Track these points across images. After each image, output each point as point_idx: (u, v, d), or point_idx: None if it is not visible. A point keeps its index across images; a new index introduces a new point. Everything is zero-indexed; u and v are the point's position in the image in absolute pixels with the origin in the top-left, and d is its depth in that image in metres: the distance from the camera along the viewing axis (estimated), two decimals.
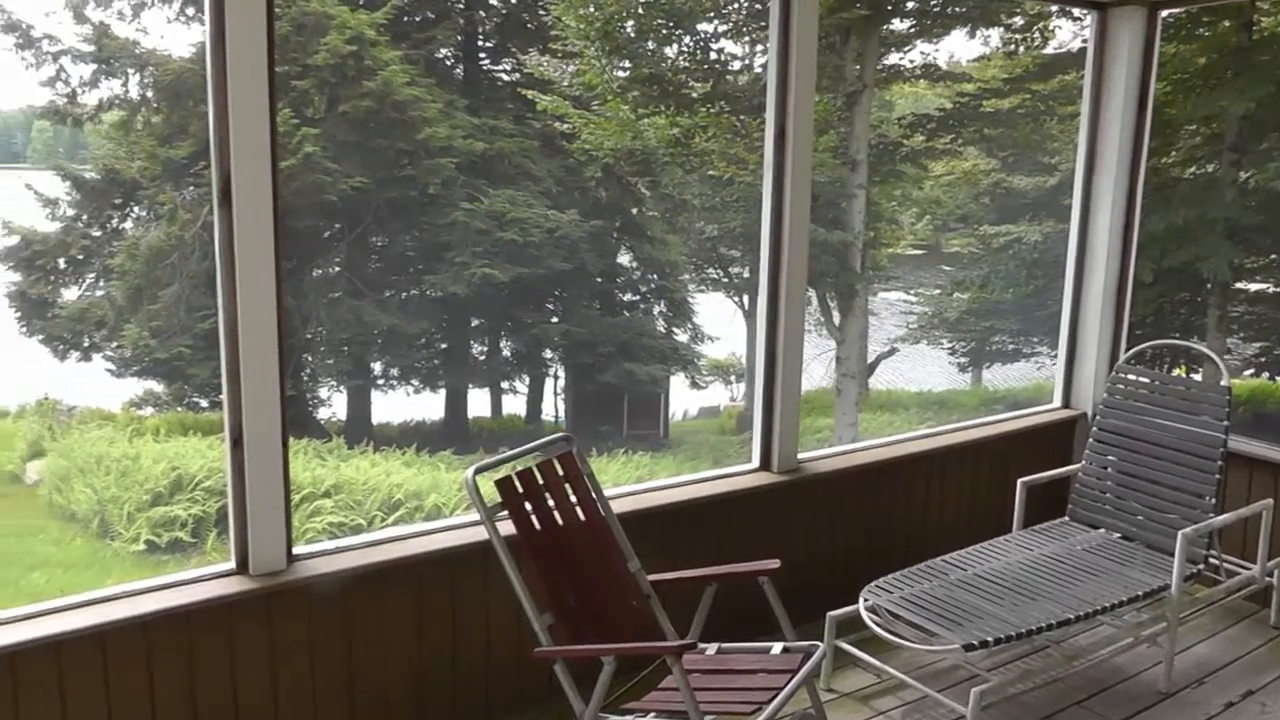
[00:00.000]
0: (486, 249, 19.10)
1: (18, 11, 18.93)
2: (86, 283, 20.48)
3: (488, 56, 22.11)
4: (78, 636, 3.36)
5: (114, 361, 19.90)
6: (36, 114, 23.13)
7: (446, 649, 4.12)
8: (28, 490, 15.41)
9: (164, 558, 13.33)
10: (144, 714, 3.50)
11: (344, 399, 21.00)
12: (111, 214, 20.40)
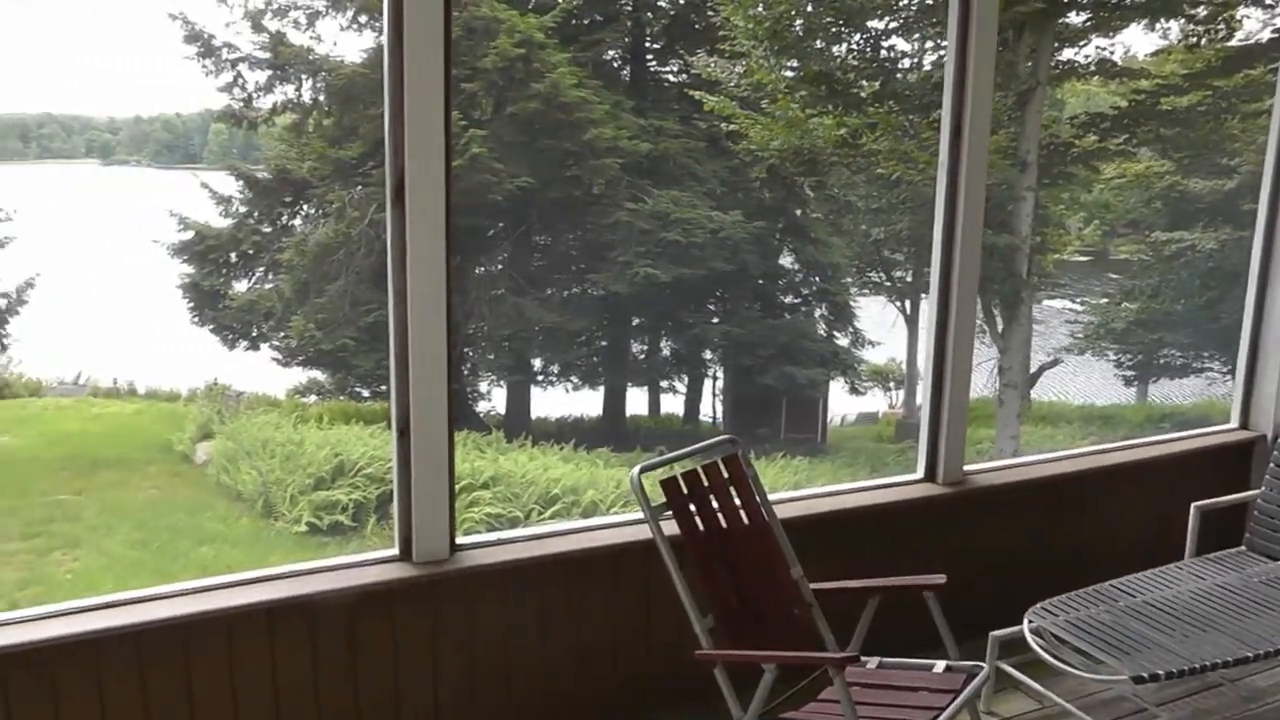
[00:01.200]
0: (650, 249, 19.12)
1: (200, 22, 19.67)
2: (256, 276, 21.24)
3: (655, 58, 22.16)
4: (247, 612, 3.48)
5: (280, 351, 20.60)
6: (214, 117, 24.02)
7: (605, 646, 4.11)
8: (197, 470, 15.96)
9: (324, 539, 13.67)
10: (307, 692, 3.60)
11: (503, 393, 21.27)
12: (282, 211, 21.13)
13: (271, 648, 3.52)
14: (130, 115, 36.41)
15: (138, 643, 3.35)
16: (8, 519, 13.82)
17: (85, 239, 30.12)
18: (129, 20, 40.26)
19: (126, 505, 14.36)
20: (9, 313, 24.54)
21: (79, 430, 17.76)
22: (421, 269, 3.50)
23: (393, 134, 3.46)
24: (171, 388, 20.66)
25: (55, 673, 3.26)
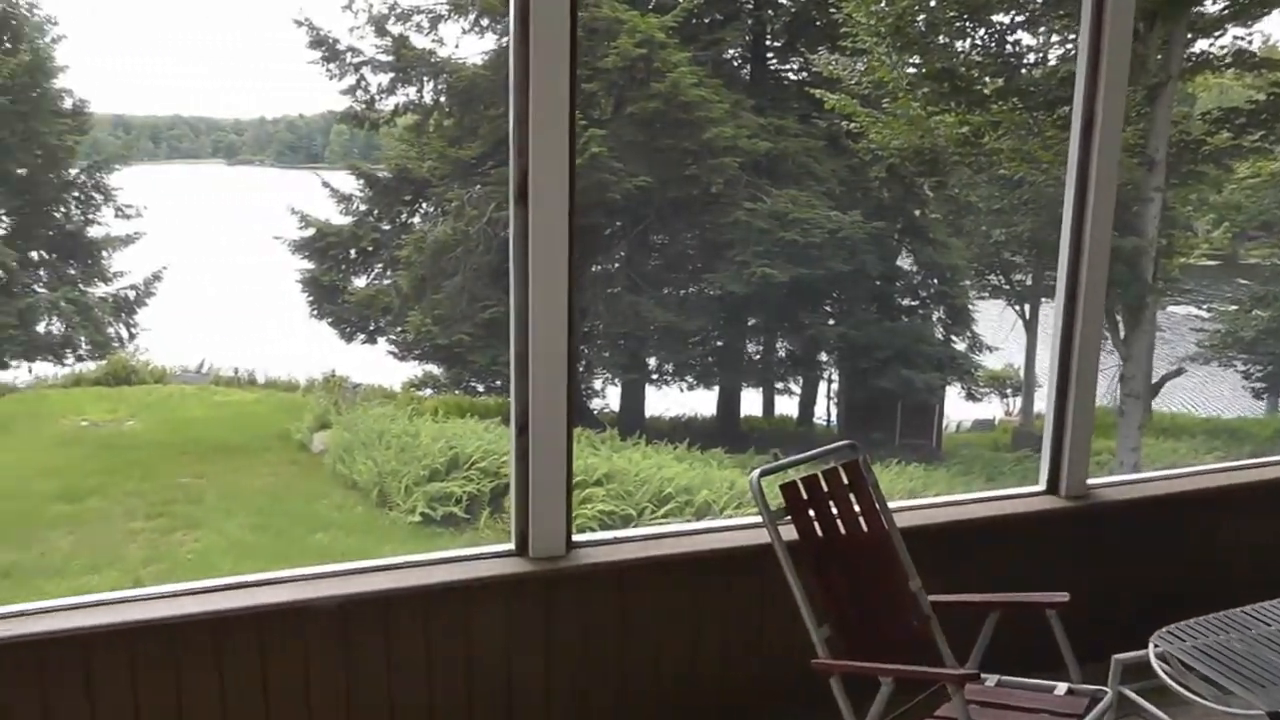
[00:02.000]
0: (767, 248, 18.98)
1: (325, 27, 20.21)
2: (374, 272, 21.69)
3: (775, 56, 22.05)
4: (364, 599, 3.55)
5: (397, 345, 21.04)
6: (336, 118, 24.51)
7: (719, 650, 4.08)
8: (314, 458, 16.25)
9: (437, 530, 13.83)
10: (421, 680, 3.64)
11: (618, 391, 21.32)
12: (401, 209, 21.51)
13: (386, 635, 3.58)
14: (255, 117, 37.35)
15: (257, 623, 3.45)
16: (133, 499, 14.21)
17: (210, 235, 30.88)
18: (256, 27, 41.25)
19: (245, 490, 14.69)
20: (138, 303, 25.37)
21: (201, 417, 18.22)
22: (543, 267, 3.52)
23: (517, 134, 3.48)
24: (290, 378, 21.11)
25: (179, 647, 3.37)
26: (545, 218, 3.49)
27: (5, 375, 22.97)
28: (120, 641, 3.33)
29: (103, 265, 25.65)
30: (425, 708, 3.68)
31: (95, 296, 25.12)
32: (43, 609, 3.40)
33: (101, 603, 3.48)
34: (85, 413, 18.52)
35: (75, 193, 25.71)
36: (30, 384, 22.39)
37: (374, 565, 3.69)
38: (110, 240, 25.75)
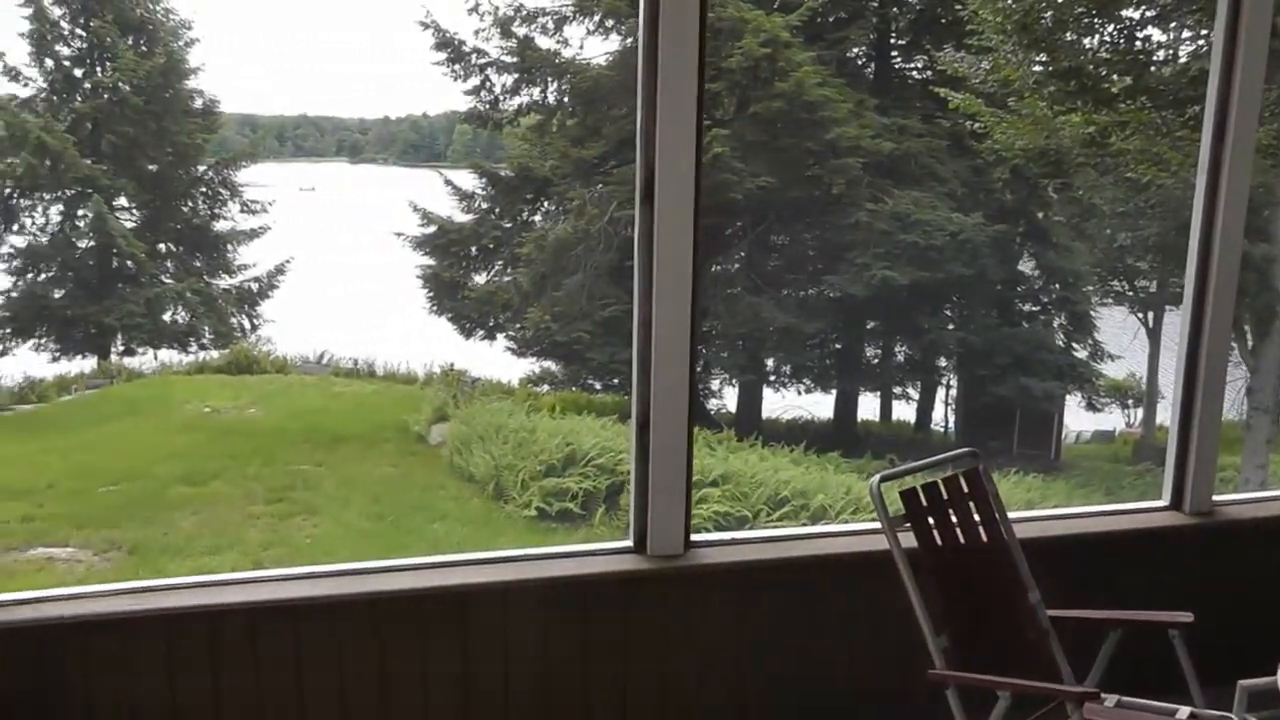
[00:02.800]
0: (888, 250, 18.75)
1: (451, 29, 20.50)
2: (495, 269, 21.89)
3: (899, 54, 21.79)
4: (483, 590, 3.61)
5: (515, 341, 21.17)
6: (459, 119, 24.78)
7: (832, 655, 4.06)
8: (431, 450, 16.43)
9: (552, 525, 13.89)
10: (538, 672, 3.70)
11: (735, 392, 21.24)
12: (522, 208, 21.71)
13: (505, 627, 3.64)
14: (379, 116, 37.92)
15: (374, 609, 3.54)
16: (254, 484, 14.51)
17: (332, 231, 31.43)
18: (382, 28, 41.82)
19: (363, 479, 14.91)
20: (260, 295, 25.97)
21: (321, 407, 18.52)
22: (668, 267, 3.54)
23: (644, 133, 3.50)
24: (409, 371, 21.38)
25: (299, 629, 3.48)
26: (670, 218, 3.50)
27: (132, 361, 23.78)
28: (244, 620, 3.46)
29: (228, 258, 26.38)
30: (541, 698, 3.72)
31: (220, 288, 25.87)
32: (171, 585, 3.58)
33: (227, 582, 3.63)
34: (208, 399, 18.97)
35: (203, 188, 26.47)
36: (156, 370, 23.05)
37: (493, 557, 3.74)
38: (235, 234, 26.47)
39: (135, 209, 25.89)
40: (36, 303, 24.76)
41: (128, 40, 25.28)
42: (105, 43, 25.10)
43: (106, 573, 11.88)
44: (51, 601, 3.43)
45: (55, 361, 24.38)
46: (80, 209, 25.05)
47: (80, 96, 25.41)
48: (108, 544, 12.68)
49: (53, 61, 25.40)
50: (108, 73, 25.31)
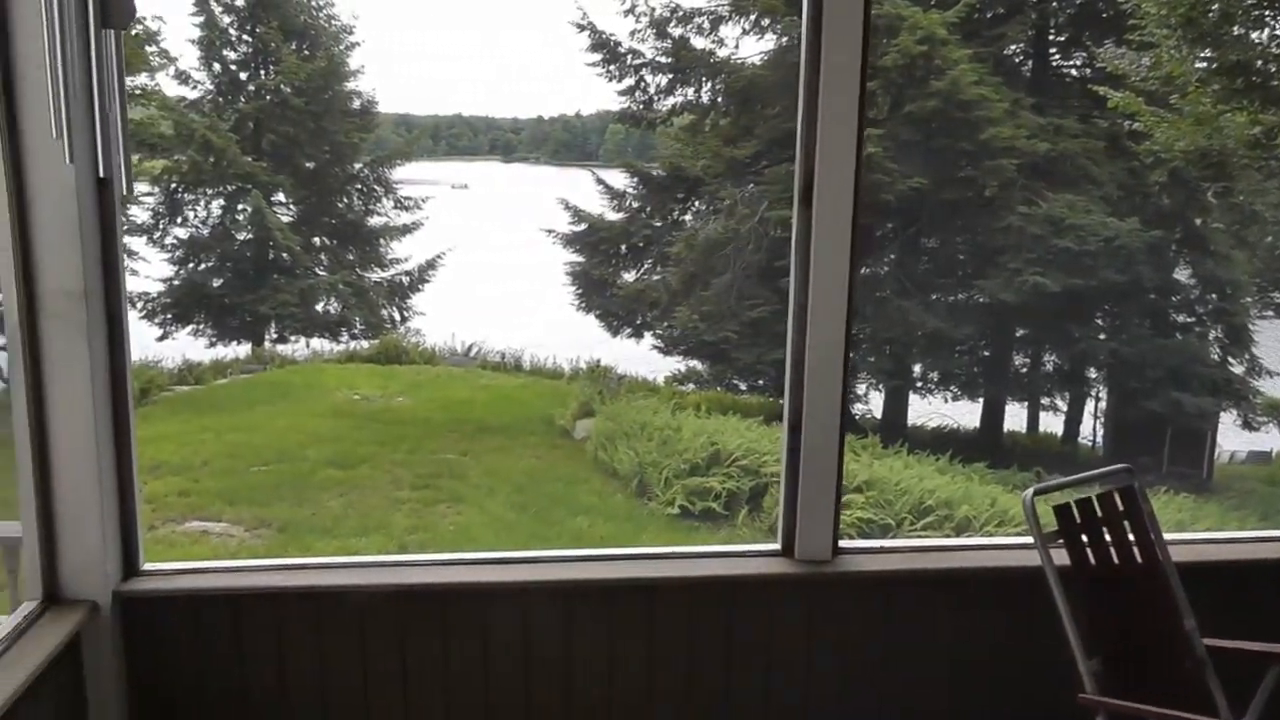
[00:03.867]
0: (1040, 255, 18.24)
1: (606, 30, 20.62)
2: (644, 267, 21.99)
3: (1058, 51, 21.26)
4: (628, 585, 3.64)
5: (662, 340, 21.28)
6: (613, 118, 24.98)
7: (978, 670, 3.92)
8: (575, 445, 16.50)
9: (695, 525, 13.80)
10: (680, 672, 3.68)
11: (880, 397, 20.96)
12: (673, 207, 21.78)
13: (652, 623, 3.65)
14: (532, 116, 38.41)
15: (522, 598, 3.59)
16: (400, 470, 14.73)
17: (484, 227, 31.88)
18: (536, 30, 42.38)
19: (508, 470, 15.01)
20: (411, 289, 26.48)
21: (467, 398, 18.75)
22: (824, 269, 3.49)
23: (804, 133, 3.46)
24: (555, 366, 21.56)
25: (447, 612, 3.55)
26: (829, 219, 3.45)
27: (285, 348, 24.48)
28: (391, 602, 3.55)
29: (380, 252, 27.01)
30: (685, 696, 3.71)
31: (371, 281, 26.50)
32: (322, 564, 3.73)
33: (375, 564, 3.76)
34: (357, 387, 19.37)
35: (358, 185, 27.18)
36: (307, 358, 23.65)
37: (640, 553, 3.81)
38: (388, 229, 27.10)
39: (292, 204, 26.70)
40: (196, 291, 25.68)
41: (291, 45, 26.15)
42: (270, 47, 26.00)
43: (257, 548, 12.20)
44: (212, 573, 3.62)
45: (212, 346, 25.30)
46: (240, 203, 25.92)
47: (244, 98, 26.34)
48: (258, 521, 13.01)
49: (220, 65, 26.41)
50: (271, 76, 26.19)
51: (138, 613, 3.39)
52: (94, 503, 3.22)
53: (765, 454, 14.36)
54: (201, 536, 12.46)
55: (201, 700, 3.51)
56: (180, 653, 3.49)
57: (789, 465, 3.69)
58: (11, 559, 4.56)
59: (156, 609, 3.42)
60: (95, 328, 3.15)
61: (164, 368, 21.67)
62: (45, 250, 3.06)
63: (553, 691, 3.63)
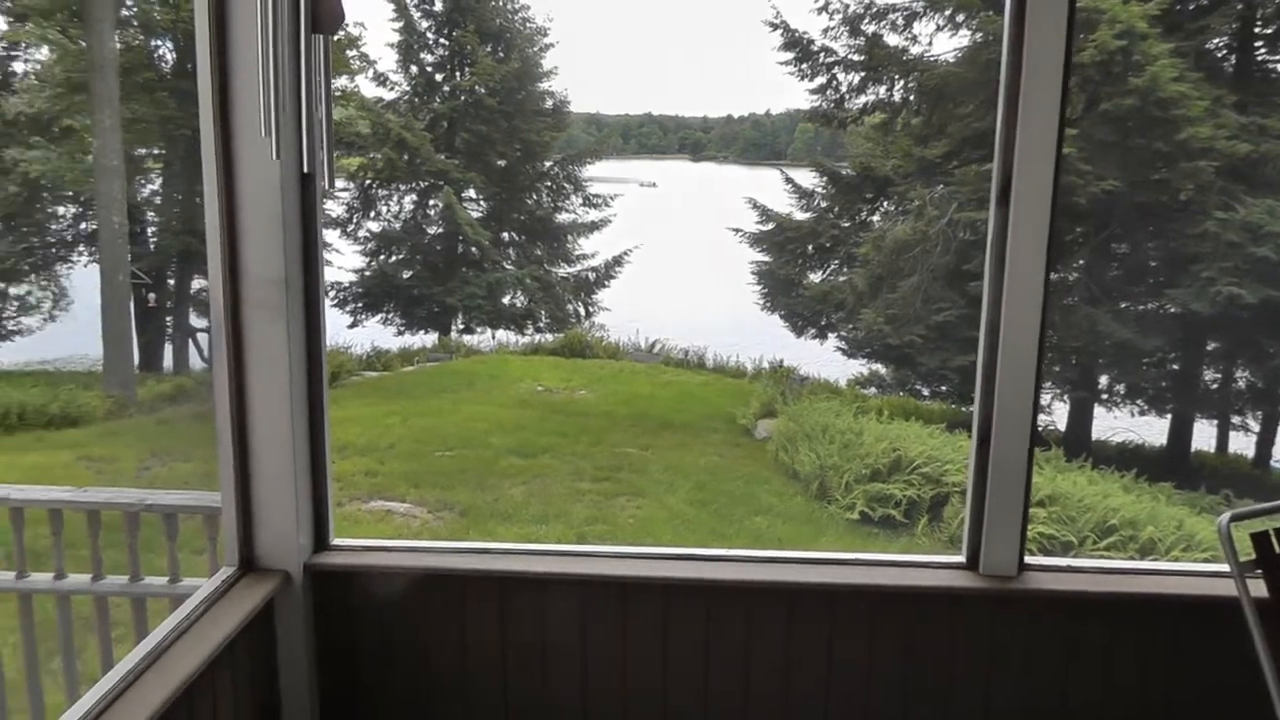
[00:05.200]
0: (1236, 264, 17.23)
1: (799, 28, 20.51)
2: (830, 268, 21.83)
3: (1264, 45, 20.24)
4: (808, 590, 3.58)
5: (846, 342, 21.07)
6: (802, 117, 24.90)
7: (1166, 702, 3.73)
8: (756, 444, 16.48)
9: (874, 531, 13.65)
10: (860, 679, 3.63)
11: (1064, 408, 20.43)
12: (861, 208, 21.57)
13: (830, 630, 3.60)
14: (722, 115, 38.57)
15: (705, 595, 3.59)
16: (581, 462, 14.93)
17: (671, 225, 32.13)
18: (726, 29, 42.49)
19: (688, 466, 15.07)
20: (597, 284, 26.90)
21: (649, 394, 18.93)
22: (1019, 273, 3.40)
23: (1004, 131, 3.37)
24: (738, 365, 21.60)
25: (628, 605, 3.59)
26: (1025, 221, 3.37)
27: (471, 339, 25.18)
28: (573, 591, 3.61)
29: (567, 248, 27.55)
30: (861, 708, 3.66)
31: (558, 276, 27.05)
32: (506, 549, 3.77)
33: (559, 552, 3.81)
34: (541, 379, 19.75)
35: (548, 183, 27.71)
36: (493, 349, 24.23)
37: (821, 558, 3.70)
38: (576, 226, 27.62)
39: (482, 200, 27.45)
40: (387, 282, 26.62)
41: (486, 47, 26.82)
42: (465, 50, 26.74)
43: (439, 530, 12.51)
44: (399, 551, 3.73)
45: (400, 335, 26.27)
46: (432, 199, 26.78)
47: (439, 98, 27.19)
48: (441, 504, 13.33)
49: (417, 68, 27.37)
50: (466, 77, 26.94)
51: (327, 584, 3.56)
52: (288, 479, 3.39)
53: (947, 463, 14.15)
54: (385, 515, 12.83)
55: (384, 672, 3.65)
56: (366, 625, 3.63)
57: (976, 475, 3.60)
58: (211, 527, 4.84)
59: (344, 582, 3.58)
60: (294, 314, 3.32)
61: (353, 354, 22.57)
62: (250, 241, 3.24)
63: (729, 687, 3.63)
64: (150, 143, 24.16)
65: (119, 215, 20.68)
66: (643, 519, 13.16)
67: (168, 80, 23.53)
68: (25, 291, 24.83)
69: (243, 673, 3.29)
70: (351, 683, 3.66)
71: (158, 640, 3.02)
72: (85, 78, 21.00)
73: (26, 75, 23.81)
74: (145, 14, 23.30)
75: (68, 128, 22.66)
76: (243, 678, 3.30)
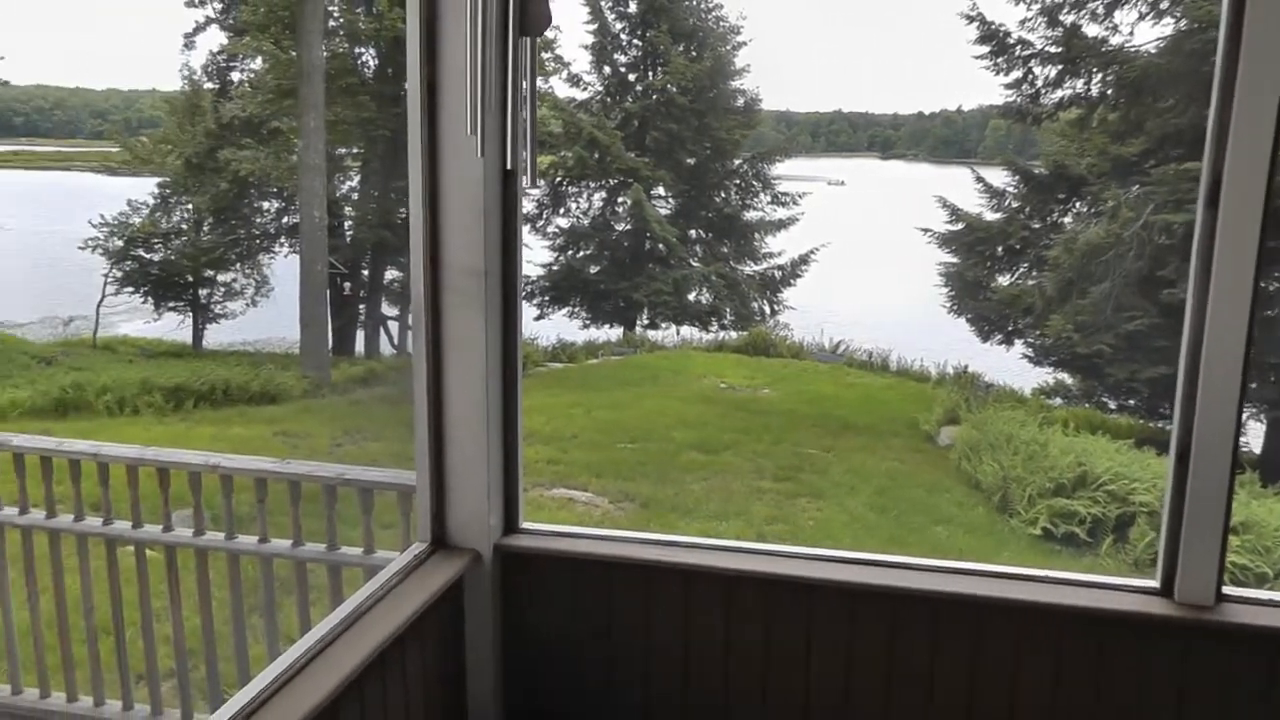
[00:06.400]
0: None
1: (996, 20, 20.01)
2: (1019, 271, 21.21)
3: None
4: (996, 604, 3.44)
5: (1033, 349, 20.45)
6: (994, 113, 24.36)
7: None
8: (938, 451, 16.24)
9: (1056, 548, 13.19)
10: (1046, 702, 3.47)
11: (1260, 429, 19.57)
12: (1053, 208, 20.89)
13: (1017, 648, 3.45)
14: (913, 112, 38.11)
15: (889, 603, 3.51)
16: (762, 460, 14.95)
17: (857, 225, 31.91)
18: (921, 22, 41.96)
19: (869, 470, 14.93)
20: (783, 283, 26.92)
21: (831, 395, 18.84)
22: (1225, 281, 3.17)
23: (1216, 125, 3.11)
24: (921, 368, 21.32)
25: (812, 605, 3.55)
26: (1235, 224, 3.13)
27: (655, 334, 25.45)
28: (758, 589, 3.59)
29: (754, 246, 27.65)
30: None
31: (744, 274, 27.13)
32: (691, 543, 3.75)
33: (743, 549, 3.75)
34: (724, 376, 19.84)
35: (736, 180, 27.86)
36: (677, 344, 24.44)
37: (1007, 572, 3.55)
38: (763, 224, 27.68)
39: (671, 198, 27.72)
40: (574, 276, 27.10)
41: (679, 47, 27.04)
42: (658, 50, 26.98)
43: (620, 519, 12.67)
44: (586, 538, 3.80)
45: (585, 328, 26.77)
46: (621, 196, 27.12)
47: (631, 98, 27.50)
48: (622, 495, 13.51)
49: (610, 68, 27.78)
50: (658, 76, 27.20)
51: (515, 565, 3.66)
52: (481, 461, 3.51)
53: (1135, 481, 13.57)
54: (567, 503, 13.06)
55: (567, 655, 3.74)
56: (552, 609, 3.72)
57: (1173, 495, 3.36)
58: (404, 503, 5.06)
59: (532, 564, 3.67)
60: (492, 304, 3.43)
61: (539, 345, 23.05)
62: (452, 233, 3.36)
63: (913, 700, 3.54)
64: (350, 143, 25.36)
65: (319, 210, 21.66)
66: (822, 521, 13.10)
67: (369, 85, 24.62)
68: (231, 279, 26.38)
69: (431, 645, 3.43)
70: (534, 664, 3.75)
71: (354, 606, 3.18)
72: (294, 84, 22.20)
73: (241, 83, 25.29)
74: (351, 24, 24.33)
75: (275, 129, 24.10)
76: (431, 650, 3.43)
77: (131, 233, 25.63)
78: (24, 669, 5.99)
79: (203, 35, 25.75)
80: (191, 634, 5.85)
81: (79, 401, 16.92)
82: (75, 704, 5.83)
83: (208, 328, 26.45)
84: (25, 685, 5.93)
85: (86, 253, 25.31)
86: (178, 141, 25.95)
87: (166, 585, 5.62)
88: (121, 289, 25.64)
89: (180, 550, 5.58)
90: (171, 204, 26.29)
